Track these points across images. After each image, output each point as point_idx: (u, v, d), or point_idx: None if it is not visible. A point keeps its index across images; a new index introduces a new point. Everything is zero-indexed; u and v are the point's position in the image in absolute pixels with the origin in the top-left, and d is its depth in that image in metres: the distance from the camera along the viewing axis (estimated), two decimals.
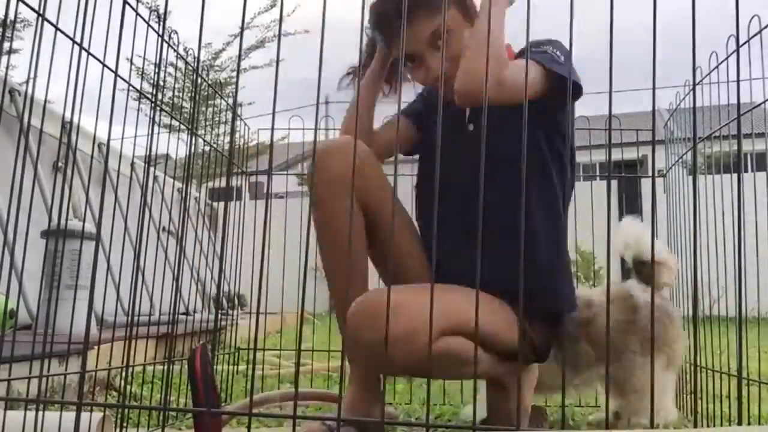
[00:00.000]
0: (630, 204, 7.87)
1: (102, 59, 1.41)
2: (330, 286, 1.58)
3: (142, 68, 2.03)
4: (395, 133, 1.68)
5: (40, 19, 1.22)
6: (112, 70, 1.39)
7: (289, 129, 3.05)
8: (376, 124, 1.77)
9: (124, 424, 1.42)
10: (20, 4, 1.19)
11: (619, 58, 1.04)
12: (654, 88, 1.11)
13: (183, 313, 3.94)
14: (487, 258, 1.09)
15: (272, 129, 1.38)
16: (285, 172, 3.58)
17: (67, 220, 1.49)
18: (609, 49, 1.04)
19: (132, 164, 2.38)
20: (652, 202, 1.12)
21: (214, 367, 1.18)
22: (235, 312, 3.62)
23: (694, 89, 1.33)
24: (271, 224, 1.53)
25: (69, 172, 2.08)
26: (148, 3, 9.72)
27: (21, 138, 1.30)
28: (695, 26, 1.11)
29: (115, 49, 1.31)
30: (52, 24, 1.25)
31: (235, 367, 2.70)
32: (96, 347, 2.33)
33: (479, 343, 1.36)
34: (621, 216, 2.12)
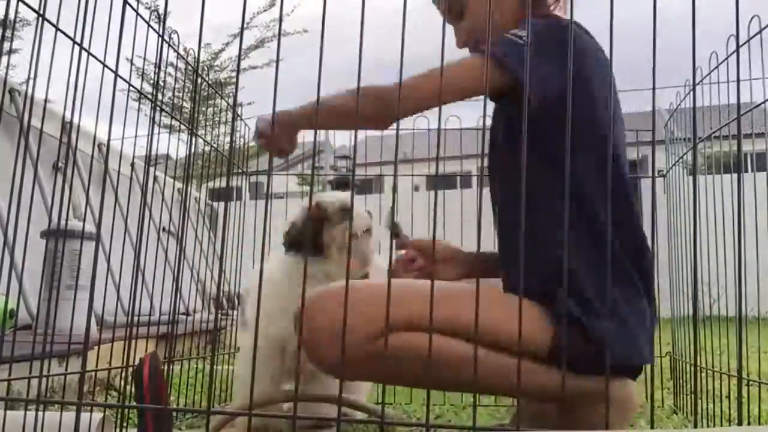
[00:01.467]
0: None
1: (102, 59, 1.41)
2: None
3: (143, 68, 2.03)
4: None
5: (40, 19, 1.22)
6: (112, 70, 1.39)
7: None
8: None
9: (124, 424, 1.42)
10: (20, 4, 1.19)
11: (619, 57, 1.04)
12: (654, 88, 1.11)
13: (183, 314, 3.95)
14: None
15: (272, 129, 1.38)
16: (285, 172, 3.58)
17: (67, 220, 1.49)
18: (609, 49, 1.04)
19: (132, 164, 2.38)
20: (652, 202, 1.12)
21: (215, 367, 1.18)
22: (235, 312, 3.62)
23: (694, 89, 1.33)
24: (271, 224, 1.53)
25: (69, 172, 2.08)
26: (147, 3, 9.72)
27: (21, 138, 1.30)
28: (695, 26, 1.11)
29: (115, 50, 1.31)
30: (52, 24, 1.25)
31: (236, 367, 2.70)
32: (96, 347, 2.33)
33: (471, 340, 1.14)
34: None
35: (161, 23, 1.59)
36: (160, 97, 1.81)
